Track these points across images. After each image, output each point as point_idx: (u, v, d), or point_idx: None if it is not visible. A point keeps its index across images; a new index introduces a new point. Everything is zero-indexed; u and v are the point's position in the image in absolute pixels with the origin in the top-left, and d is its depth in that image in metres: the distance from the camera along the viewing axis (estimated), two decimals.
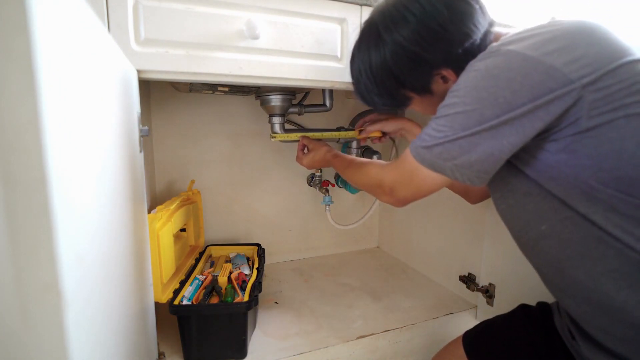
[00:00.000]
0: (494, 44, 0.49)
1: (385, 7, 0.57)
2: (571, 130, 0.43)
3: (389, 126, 0.86)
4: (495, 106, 0.44)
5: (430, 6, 0.52)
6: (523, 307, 0.66)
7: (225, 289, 0.78)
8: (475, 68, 0.47)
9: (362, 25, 0.60)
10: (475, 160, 0.47)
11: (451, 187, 0.82)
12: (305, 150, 0.91)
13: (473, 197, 0.79)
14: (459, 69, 0.53)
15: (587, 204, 0.44)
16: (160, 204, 0.80)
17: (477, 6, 0.53)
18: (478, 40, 0.53)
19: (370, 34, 0.58)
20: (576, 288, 0.48)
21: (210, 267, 0.92)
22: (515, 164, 0.50)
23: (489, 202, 0.84)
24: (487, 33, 0.54)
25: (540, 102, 0.42)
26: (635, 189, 0.41)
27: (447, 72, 0.55)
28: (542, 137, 0.45)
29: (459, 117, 0.47)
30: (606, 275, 0.44)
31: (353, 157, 0.78)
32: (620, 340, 0.45)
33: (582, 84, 0.41)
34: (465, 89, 0.47)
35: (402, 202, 0.58)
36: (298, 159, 0.91)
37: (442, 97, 0.57)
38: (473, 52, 0.52)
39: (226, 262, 0.94)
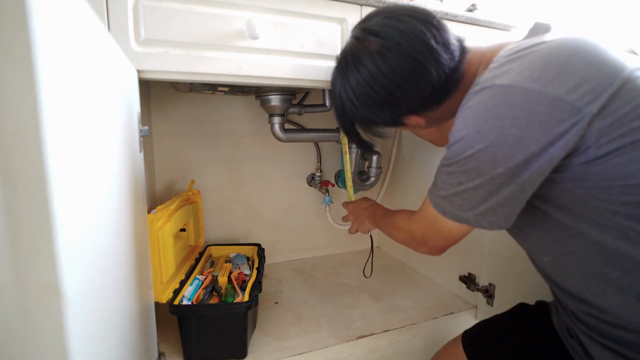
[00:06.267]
0: (482, 77, 0.45)
1: (343, 56, 0.54)
2: (580, 160, 0.41)
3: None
4: (506, 146, 0.41)
5: (376, 70, 0.49)
6: (522, 306, 0.66)
7: (225, 289, 0.78)
8: (473, 110, 0.43)
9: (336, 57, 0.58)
10: (499, 205, 0.44)
11: (420, 135, 0.79)
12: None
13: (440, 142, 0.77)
14: (423, 111, 0.53)
15: (598, 231, 0.42)
16: (160, 204, 0.79)
17: (436, 46, 0.48)
18: (440, 84, 0.50)
19: (334, 75, 0.57)
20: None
21: (210, 267, 0.92)
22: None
23: None
24: (454, 69, 0.50)
25: (552, 137, 0.39)
26: None
27: (411, 118, 0.55)
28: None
29: (470, 163, 0.43)
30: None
31: (386, 208, 0.75)
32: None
33: (591, 112, 0.38)
34: (468, 135, 0.43)
35: (439, 251, 0.55)
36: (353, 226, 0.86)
37: (420, 127, 0.59)
38: (438, 95, 0.51)
39: (226, 262, 0.94)
